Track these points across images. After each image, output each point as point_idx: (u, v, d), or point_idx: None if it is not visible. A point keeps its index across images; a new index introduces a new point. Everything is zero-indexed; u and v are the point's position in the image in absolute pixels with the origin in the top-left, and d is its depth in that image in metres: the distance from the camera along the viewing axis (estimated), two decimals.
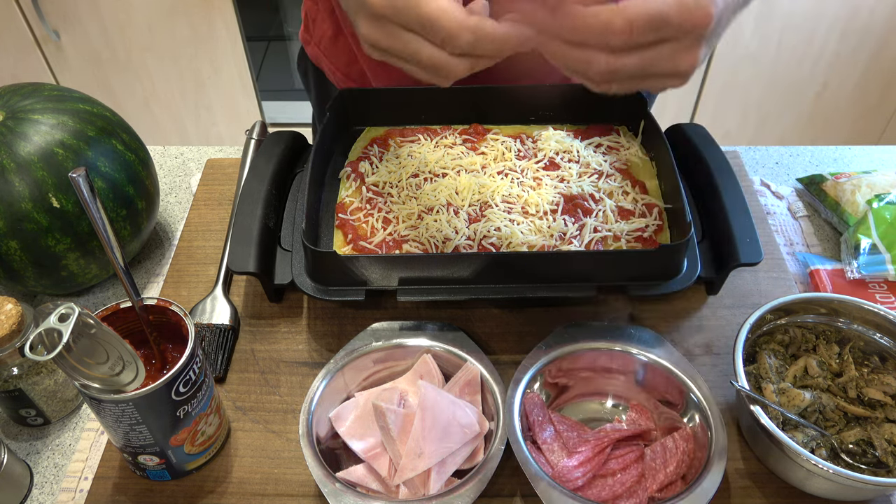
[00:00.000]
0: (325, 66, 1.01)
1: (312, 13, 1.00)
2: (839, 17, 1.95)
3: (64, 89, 0.80)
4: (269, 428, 0.69)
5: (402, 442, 0.61)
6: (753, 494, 0.64)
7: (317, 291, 0.72)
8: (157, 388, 0.56)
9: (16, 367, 0.65)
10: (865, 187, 0.86)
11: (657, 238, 0.76)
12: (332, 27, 0.97)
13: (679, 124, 0.88)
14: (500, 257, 0.71)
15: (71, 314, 0.49)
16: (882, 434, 0.62)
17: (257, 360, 0.74)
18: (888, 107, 2.18)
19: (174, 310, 0.60)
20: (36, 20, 1.99)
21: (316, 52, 1.02)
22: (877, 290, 0.79)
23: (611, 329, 0.69)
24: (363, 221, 0.77)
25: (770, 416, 0.61)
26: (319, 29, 0.99)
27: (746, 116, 2.21)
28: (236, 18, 2.01)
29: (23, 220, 0.71)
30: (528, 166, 0.82)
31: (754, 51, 2.03)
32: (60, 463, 0.69)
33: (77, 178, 0.51)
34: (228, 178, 0.93)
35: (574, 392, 0.69)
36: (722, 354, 0.74)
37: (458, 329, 0.70)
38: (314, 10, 0.99)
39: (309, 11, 1.01)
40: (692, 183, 0.83)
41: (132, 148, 0.80)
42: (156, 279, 0.85)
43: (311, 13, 1.00)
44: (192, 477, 0.65)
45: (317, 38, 1.00)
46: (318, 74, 1.05)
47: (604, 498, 0.61)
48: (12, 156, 0.71)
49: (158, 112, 2.25)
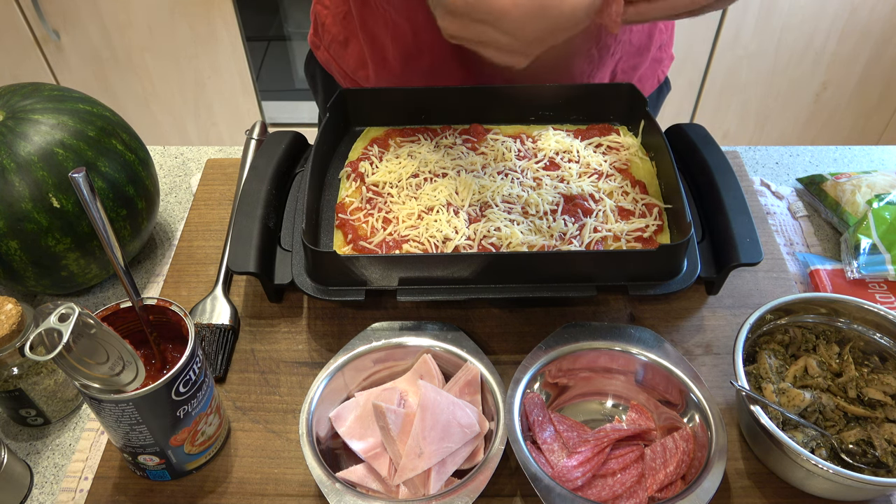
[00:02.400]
0: (335, 69, 1.01)
1: (322, 17, 0.99)
2: (839, 17, 1.95)
3: (64, 89, 0.80)
4: (269, 428, 0.69)
5: (402, 442, 0.61)
6: (753, 494, 0.64)
7: (317, 291, 0.72)
8: (157, 388, 0.56)
9: (16, 367, 0.65)
10: (865, 187, 0.85)
11: (657, 238, 0.76)
12: (343, 32, 0.96)
13: (679, 124, 0.88)
14: (500, 257, 0.71)
15: (71, 314, 0.49)
16: (882, 434, 0.62)
17: (257, 360, 0.74)
18: (888, 107, 2.18)
19: (174, 310, 0.60)
20: (36, 20, 1.99)
21: (326, 57, 1.01)
22: (877, 290, 0.79)
23: (611, 329, 0.69)
24: (363, 221, 0.77)
25: (770, 416, 0.61)
26: (329, 34, 0.99)
27: (746, 116, 2.21)
28: (236, 18, 2.01)
29: (23, 220, 0.71)
30: (528, 166, 0.82)
31: (754, 51, 2.03)
32: (60, 463, 0.69)
33: (77, 178, 0.51)
34: (228, 178, 0.93)
35: (574, 392, 0.69)
36: (722, 354, 0.74)
37: (458, 329, 0.70)
38: (324, 14, 0.99)
39: (319, 15, 1.00)
40: (692, 183, 0.83)
41: (132, 148, 0.80)
42: (156, 279, 0.85)
43: (322, 17, 0.99)
44: (192, 477, 0.65)
45: (326, 43, 1.00)
46: (327, 78, 1.04)
47: (604, 498, 0.61)
48: (12, 156, 0.71)
49: (158, 112, 2.25)
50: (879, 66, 2.07)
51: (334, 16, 0.97)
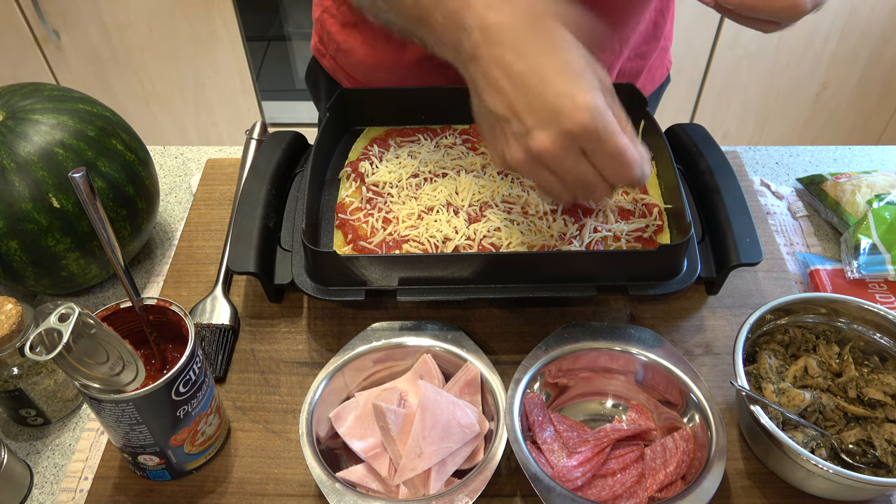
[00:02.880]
0: (342, 76, 1.00)
1: (328, 25, 0.97)
2: (839, 17, 1.95)
3: (64, 89, 0.80)
4: (269, 428, 0.69)
5: (402, 442, 0.61)
6: (753, 494, 0.64)
7: (317, 291, 0.72)
8: (157, 388, 0.56)
9: (16, 367, 0.65)
10: (865, 187, 0.85)
11: (657, 238, 0.76)
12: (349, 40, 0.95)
13: (679, 124, 0.88)
14: (500, 257, 0.71)
15: (71, 314, 0.49)
16: (882, 434, 0.62)
17: (257, 360, 0.74)
18: (888, 107, 2.18)
19: (174, 310, 0.60)
20: (36, 20, 1.99)
21: (332, 65, 1.00)
22: (877, 290, 0.79)
23: (611, 329, 0.69)
24: (363, 221, 0.77)
25: (770, 416, 0.61)
26: (334, 42, 0.97)
27: (746, 116, 2.21)
28: (236, 18, 2.01)
29: (23, 220, 0.71)
30: None
31: (754, 51, 2.03)
32: (60, 463, 0.69)
33: (77, 178, 0.51)
34: (228, 178, 0.93)
35: (574, 392, 0.69)
36: (722, 354, 0.74)
37: (458, 329, 0.70)
38: (331, 23, 0.96)
39: (325, 23, 0.97)
40: (692, 183, 0.83)
41: (132, 148, 0.80)
42: (156, 279, 0.85)
43: (328, 25, 0.97)
44: (192, 477, 0.65)
45: (332, 51, 0.98)
46: (332, 85, 1.03)
47: (604, 498, 0.61)
48: (12, 156, 0.71)
49: (158, 112, 2.25)
50: (879, 66, 2.07)
51: (342, 25, 0.95)
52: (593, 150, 0.56)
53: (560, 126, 0.55)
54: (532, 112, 0.56)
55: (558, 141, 0.55)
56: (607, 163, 0.57)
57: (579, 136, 0.55)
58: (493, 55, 0.57)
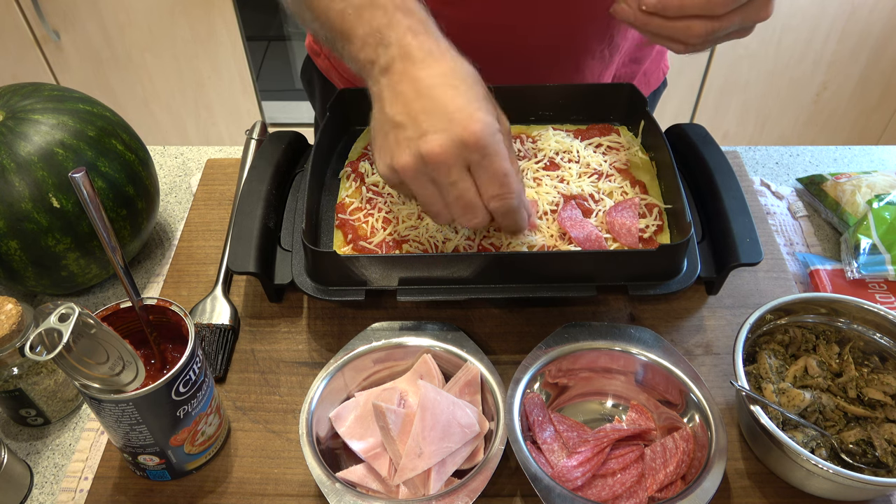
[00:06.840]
0: (335, 76, 1.00)
1: None
2: (839, 17, 1.95)
3: (64, 89, 0.80)
4: (269, 428, 0.69)
5: (402, 442, 0.61)
6: (753, 494, 0.64)
7: (317, 291, 0.72)
8: (157, 388, 0.56)
9: (16, 367, 0.65)
10: (865, 187, 0.86)
11: (657, 238, 0.76)
12: None
13: (679, 124, 0.88)
14: (500, 257, 0.71)
15: (71, 314, 0.49)
16: (882, 434, 0.62)
17: (257, 360, 0.74)
18: (888, 107, 2.18)
19: (174, 310, 0.60)
20: (36, 20, 1.99)
21: (326, 65, 1.00)
22: (877, 290, 0.79)
23: (611, 329, 0.69)
24: (363, 221, 0.77)
25: (770, 416, 0.61)
26: None
27: (746, 116, 2.21)
28: (236, 18, 2.01)
29: (23, 220, 0.71)
30: (528, 166, 0.82)
31: (754, 51, 2.03)
32: (60, 463, 0.69)
33: (77, 178, 0.51)
34: (228, 178, 0.93)
35: (574, 392, 0.69)
36: (722, 354, 0.74)
37: (458, 329, 0.70)
38: None
39: None
40: (692, 183, 0.83)
41: (132, 148, 0.80)
42: (156, 279, 0.85)
43: None
44: (192, 477, 0.65)
45: (327, 50, 0.99)
46: (325, 83, 1.04)
47: (604, 498, 0.61)
48: (12, 156, 0.71)
49: (158, 112, 2.25)
50: (879, 67, 2.07)
51: None
52: (479, 164, 0.58)
53: (452, 132, 0.57)
54: (429, 118, 0.58)
55: (448, 147, 0.57)
56: (489, 182, 0.59)
57: (469, 145, 0.57)
58: (406, 70, 0.60)
